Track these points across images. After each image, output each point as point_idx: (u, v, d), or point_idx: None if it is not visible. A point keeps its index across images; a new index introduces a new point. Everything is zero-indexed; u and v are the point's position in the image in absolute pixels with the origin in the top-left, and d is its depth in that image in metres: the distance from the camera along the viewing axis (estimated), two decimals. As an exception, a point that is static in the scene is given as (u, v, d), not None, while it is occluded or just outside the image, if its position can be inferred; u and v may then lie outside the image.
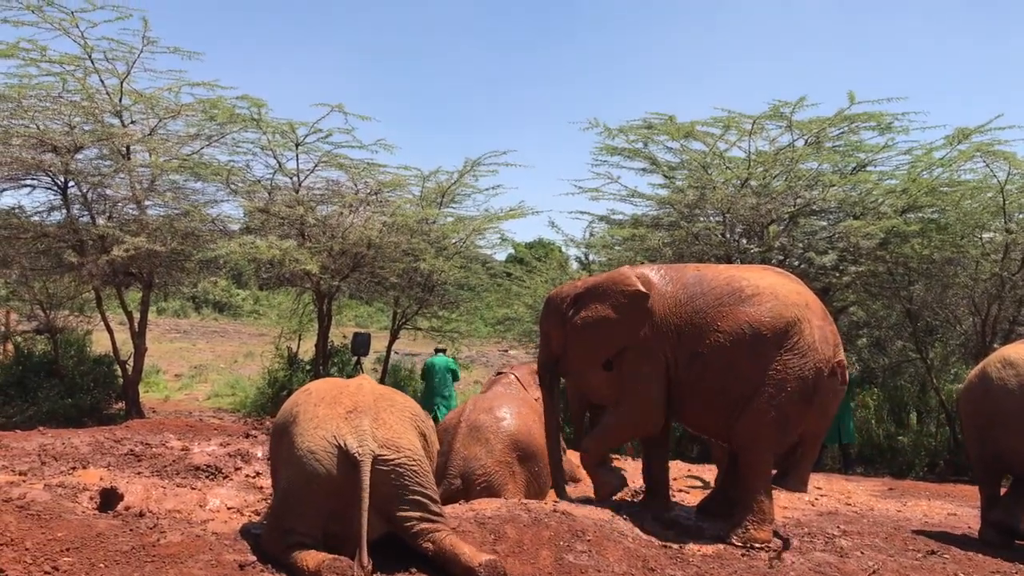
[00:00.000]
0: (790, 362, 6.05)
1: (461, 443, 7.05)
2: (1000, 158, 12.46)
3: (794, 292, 6.34)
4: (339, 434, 4.81)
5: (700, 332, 6.23)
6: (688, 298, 6.36)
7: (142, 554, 4.77)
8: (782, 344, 6.07)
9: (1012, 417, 6.40)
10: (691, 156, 14.06)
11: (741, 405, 6.13)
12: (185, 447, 8.97)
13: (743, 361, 6.10)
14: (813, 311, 6.27)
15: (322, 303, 14.91)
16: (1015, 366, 6.47)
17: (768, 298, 6.19)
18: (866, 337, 16.73)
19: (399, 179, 15.24)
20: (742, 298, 6.22)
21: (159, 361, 20.45)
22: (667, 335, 6.35)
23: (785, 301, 6.19)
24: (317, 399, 5.12)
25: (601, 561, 5.13)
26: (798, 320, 6.12)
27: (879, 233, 12.47)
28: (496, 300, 19.15)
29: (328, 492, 4.71)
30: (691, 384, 6.31)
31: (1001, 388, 6.50)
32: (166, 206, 14.28)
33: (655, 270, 6.72)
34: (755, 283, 6.31)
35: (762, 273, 6.59)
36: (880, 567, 5.58)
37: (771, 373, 6.05)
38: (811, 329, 6.14)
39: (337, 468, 4.72)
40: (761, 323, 6.10)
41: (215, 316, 36.24)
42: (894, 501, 8.91)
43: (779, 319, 6.10)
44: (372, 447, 4.76)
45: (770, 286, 6.30)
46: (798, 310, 6.17)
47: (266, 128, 14.12)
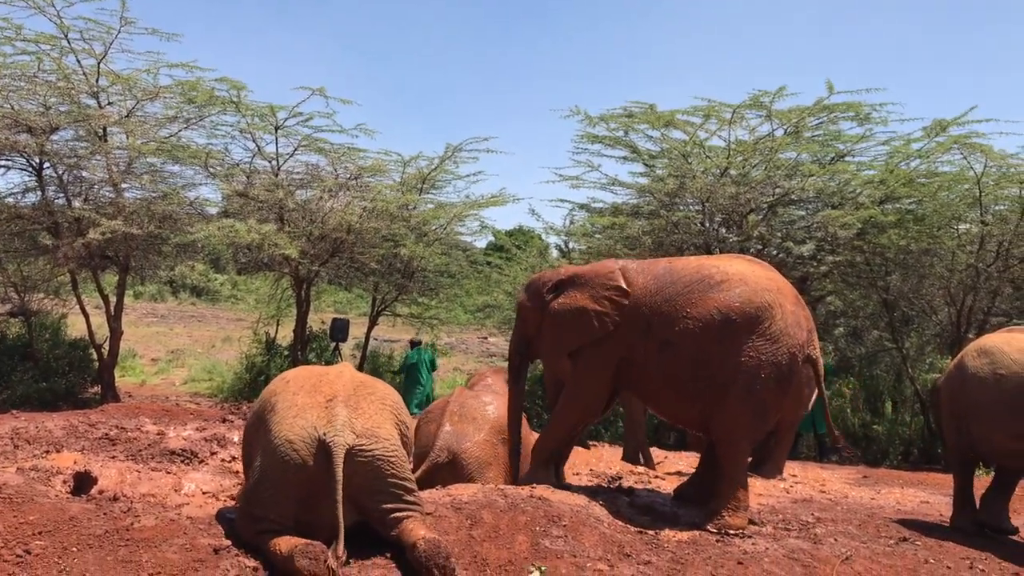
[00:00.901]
0: (763, 348, 6.05)
1: (450, 420, 7.27)
2: (977, 150, 12.56)
3: (764, 278, 6.34)
4: (318, 424, 4.78)
5: (670, 320, 6.25)
6: (658, 288, 6.40)
7: (116, 538, 4.74)
8: (753, 329, 6.07)
9: (984, 407, 6.42)
10: (671, 145, 14.08)
11: (714, 392, 6.15)
12: (161, 431, 8.91)
13: (713, 347, 6.11)
14: (785, 296, 6.27)
15: (300, 288, 14.84)
16: (989, 355, 6.48)
17: (737, 284, 6.21)
18: (843, 327, 16.87)
19: (379, 164, 15.17)
20: (711, 284, 6.24)
21: (135, 345, 20.30)
22: (637, 326, 6.40)
23: (755, 287, 6.20)
24: (296, 387, 5.07)
25: (577, 546, 5.14)
26: (769, 305, 6.12)
27: (857, 223, 12.55)
28: (476, 287, 19.14)
29: (302, 481, 4.69)
30: (663, 373, 6.34)
31: (974, 377, 6.52)
32: (143, 189, 14.14)
33: (632, 264, 6.78)
34: (724, 270, 6.34)
35: (732, 261, 6.61)
36: (853, 553, 5.62)
37: (744, 360, 6.05)
38: (783, 314, 6.13)
39: (313, 458, 4.69)
40: (730, 308, 6.11)
41: (193, 300, 36.01)
42: (868, 489, 8.99)
43: (749, 304, 6.11)
44: (349, 438, 4.73)
45: (739, 272, 6.32)
46: (769, 295, 6.17)
47: (245, 111, 14.01)
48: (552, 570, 4.79)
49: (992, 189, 12.95)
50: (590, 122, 14.25)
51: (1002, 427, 6.30)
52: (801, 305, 6.41)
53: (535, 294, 7.05)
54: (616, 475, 8.51)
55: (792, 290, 6.48)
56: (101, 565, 4.31)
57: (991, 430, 6.41)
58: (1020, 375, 6.20)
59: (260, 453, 4.88)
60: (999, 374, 6.33)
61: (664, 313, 6.28)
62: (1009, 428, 6.25)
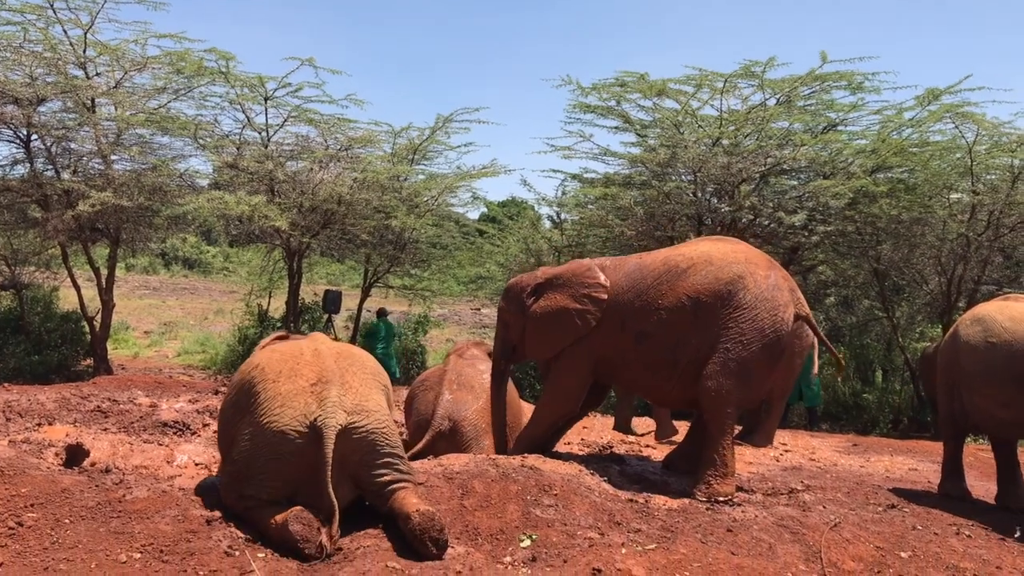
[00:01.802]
0: (740, 317, 6.12)
1: (449, 388, 7.35)
2: (968, 119, 12.53)
3: (730, 252, 6.43)
4: (307, 411, 4.75)
5: (643, 313, 6.40)
6: (630, 284, 6.55)
7: (108, 510, 4.76)
8: (727, 303, 6.14)
9: (975, 375, 6.44)
10: (663, 114, 14.01)
11: (700, 371, 6.22)
12: (153, 404, 8.94)
13: (689, 330, 6.23)
14: (756, 264, 6.34)
15: (292, 260, 14.81)
16: (982, 322, 6.49)
17: (702, 266, 6.32)
18: (834, 296, 16.93)
19: (370, 135, 15.08)
20: (678, 272, 6.36)
21: (128, 318, 20.28)
22: (614, 322, 6.53)
23: (720, 263, 6.29)
24: (274, 374, 5.00)
25: (568, 515, 5.18)
26: (738, 276, 6.19)
27: (848, 193, 12.53)
28: (468, 259, 19.13)
29: (300, 466, 4.68)
30: (642, 362, 6.48)
31: (967, 345, 6.54)
32: (133, 160, 14.02)
33: (606, 262, 6.92)
34: (688, 256, 6.46)
35: (697, 244, 6.73)
36: (841, 520, 5.68)
37: (723, 332, 6.13)
38: (755, 281, 6.19)
39: (308, 443, 4.68)
40: (699, 291, 6.22)
41: (185, 273, 35.96)
42: (857, 457, 9.07)
43: (716, 282, 6.20)
44: (341, 418, 4.71)
45: (703, 254, 6.42)
46: (736, 267, 6.25)
47: (234, 82, 13.89)
48: (543, 538, 4.83)
49: (984, 158, 12.94)
50: (582, 92, 14.17)
51: (992, 395, 6.32)
52: (776, 267, 6.46)
53: (515, 299, 7.15)
54: (607, 444, 8.57)
55: (763, 256, 6.55)
56: (94, 536, 4.33)
57: (982, 398, 6.43)
58: (1010, 343, 6.20)
59: (247, 441, 4.81)
60: (990, 342, 6.34)
61: (637, 308, 6.43)
62: (998, 396, 6.27)
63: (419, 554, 4.46)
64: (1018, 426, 6.35)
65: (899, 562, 4.99)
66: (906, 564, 4.97)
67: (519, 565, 4.48)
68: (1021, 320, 6.24)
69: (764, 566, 4.63)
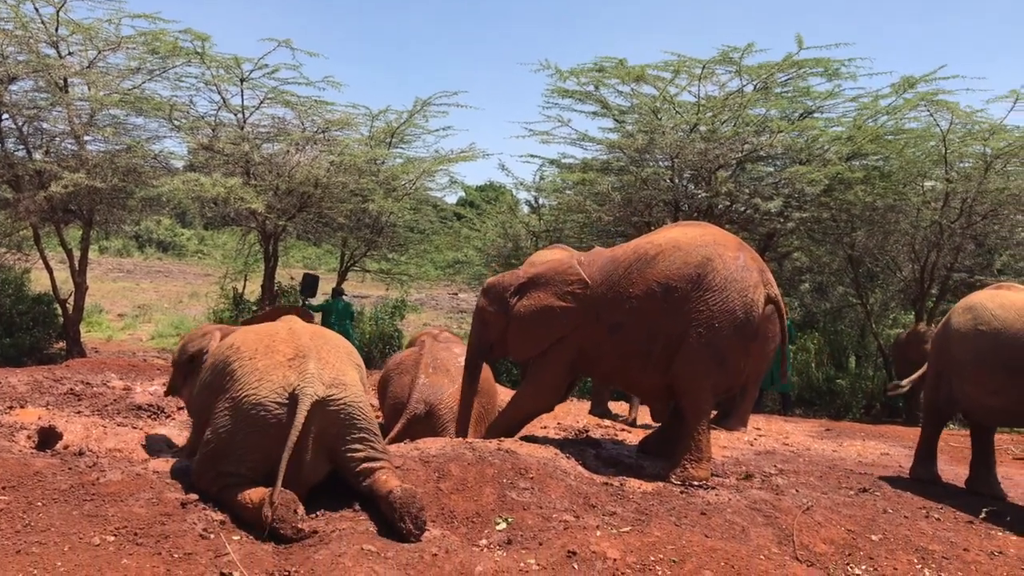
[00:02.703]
0: (711, 299, 6.14)
1: (424, 372, 7.39)
2: (943, 107, 12.64)
3: (697, 236, 6.46)
4: (287, 383, 4.77)
5: (616, 304, 6.44)
6: (603, 278, 6.60)
7: (81, 492, 4.73)
8: (697, 286, 6.17)
9: (967, 362, 6.43)
10: (641, 100, 14.02)
11: (671, 357, 6.25)
12: (127, 387, 8.88)
13: (661, 317, 6.26)
14: (724, 246, 6.36)
15: (268, 243, 14.71)
16: (973, 310, 6.48)
17: (670, 252, 6.35)
18: (809, 282, 17.06)
19: (347, 118, 14.98)
20: (647, 260, 6.40)
21: (101, 300, 20.09)
22: (590, 316, 6.59)
23: (688, 247, 6.32)
24: (250, 351, 5.02)
25: (543, 498, 5.21)
26: (706, 259, 6.22)
27: (824, 180, 12.61)
28: (446, 243, 19.10)
29: (280, 439, 4.67)
30: (617, 353, 6.52)
31: (957, 333, 6.54)
32: (106, 141, 13.86)
33: (582, 257, 6.97)
34: (657, 243, 6.50)
35: (665, 232, 6.76)
36: (814, 504, 5.74)
37: (695, 316, 6.16)
38: (724, 263, 6.21)
39: (288, 415, 4.69)
40: (668, 277, 6.25)
41: (159, 255, 35.62)
42: (830, 441, 9.17)
43: (685, 266, 6.23)
44: (319, 389, 4.75)
45: (671, 240, 6.45)
46: (704, 250, 6.28)
47: (210, 63, 13.75)
48: (519, 521, 4.85)
49: (957, 146, 13.06)
50: (560, 76, 14.15)
51: (980, 382, 6.32)
52: (744, 248, 6.49)
53: (497, 298, 7.14)
54: (583, 428, 8.61)
55: (732, 238, 6.58)
56: (67, 519, 4.30)
57: (972, 386, 6.42)
58: (999, 330, 6.19)
59: (225, 417, 4.81)
60: (979, 329, 6.33)
61: (610, 299, 6.47)
62: (988, 383, 6.25)
63: (397, 532, 4.48)
64: (1007, 413, 6.34)
65: (870, 544, 5.06)
66: (876, 546, 5.04)
67: (495, 547, 4.50)
68: (1011, 308, 6.22)
69: (737, 549, 4.68)
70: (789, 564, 4.59)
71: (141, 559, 3.95)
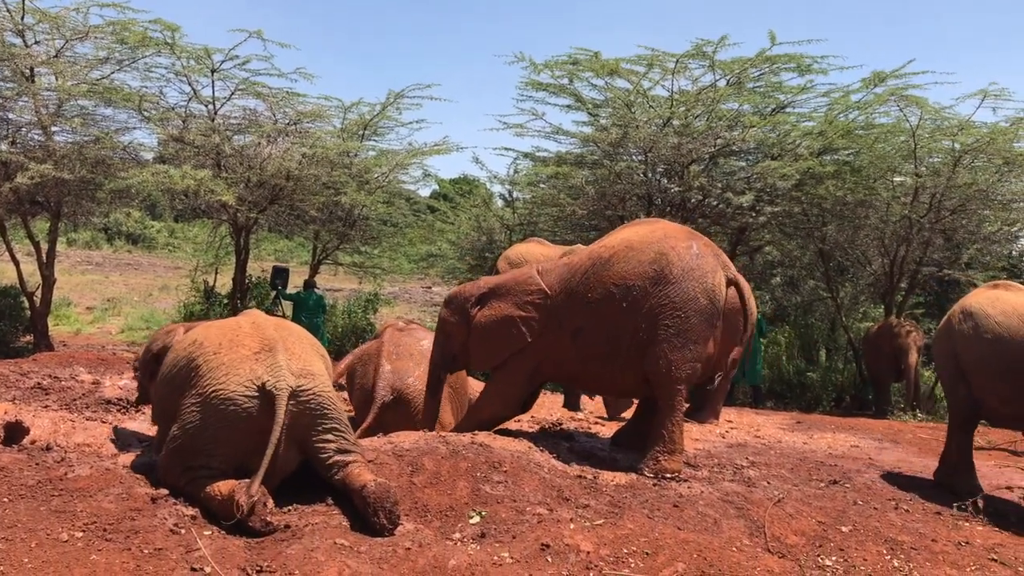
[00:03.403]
0: (671, 292, 6.17)
1: (388, 360, 7.34)
2: (912, 103, 12.77)
3: (647, 232, 6.52)
4: (255, 376, 4.74)
5: (576, 310, 6.48)
6: (562, 286, 6.64)
7: (49, 488, 4.66)
8: (655, 283, 6.20)
9: (972, 367, 6.25)
10: (615, 94, 14.05)
11: (638, 356, 6.29)
12: (96, 380, 8.77)
13: (622, 318, 6.29)
14: (676, 237, 6.42)
15: (239, 236, 14.59)
16: (974, 317, 6.27)
17: (623, 252, 6.40)
18: (780, 276, 17.21)
19: (319, 110, 14.90)
20: (602, 263, 6.45)
21: (70, 293, 19.83)
22: (552, 324, 6.61)
23: (640, 246, 6.37)
24: (214, 347, 4.98)
25: (517, 491, 5.21)
26: (660, 254, 6.26)
27: (795, 174, 12.71)
28: (419, 236, 19.06)
29: (251, 432, 4.65)
30: (581, 357, 6.55)
31: (960, 338, 6.33)
32: (74, 132, 13.65)
33: (544, 266, 6.99)
34: (610, 245, 6.57)
35: (617, 233, 6.82)
36: (785, 496, 5.79)
37: (658, 311, 6.19)
38: (678, 254, 6.26)
39: (258, 408, 4.67)
40: (625, 277, 6.28)
41: (128, 248, 35.20)
42: (801, 434, 9.24)
43: (640, 264, 6.28)
44: (290, 381, 4.74)
45: (623, 241, 6.52)
46: (656, 245, 6.32)
47: (180, 53, 13.58)
48: (492, 515, 4.85)
49: (926, 142, 13.21)
50: (535, 69, 14.14)
51: (991, 390, 6.14)
52: (696, 237, 6.55)
53: (459, 309, 7.12)
54: (557, 421, 8.62)
55: (682, 229, 6.65)
56: (34, 515, 4.24)
57: (981, 392, 6.23)
58: (1004, 337, 5.99)
59: (193, 413, 4.75)
60: (984, 338, 6.12)
61: (571, 305, 6.51)
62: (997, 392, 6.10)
63: (370, 527, 4.46)
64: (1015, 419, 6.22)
65: (840, 536, 5.11)
66: (847, 538, 5.09)
67: (468, 541, 4.50)
68: (1014, 314, 6.03)
69: (709, 540, 4.71)
70: (761, 556, 4.63)
71: (110, 555, 3.90)
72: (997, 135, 12.65)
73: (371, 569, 3.99)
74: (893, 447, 8.67)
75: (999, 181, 13.17)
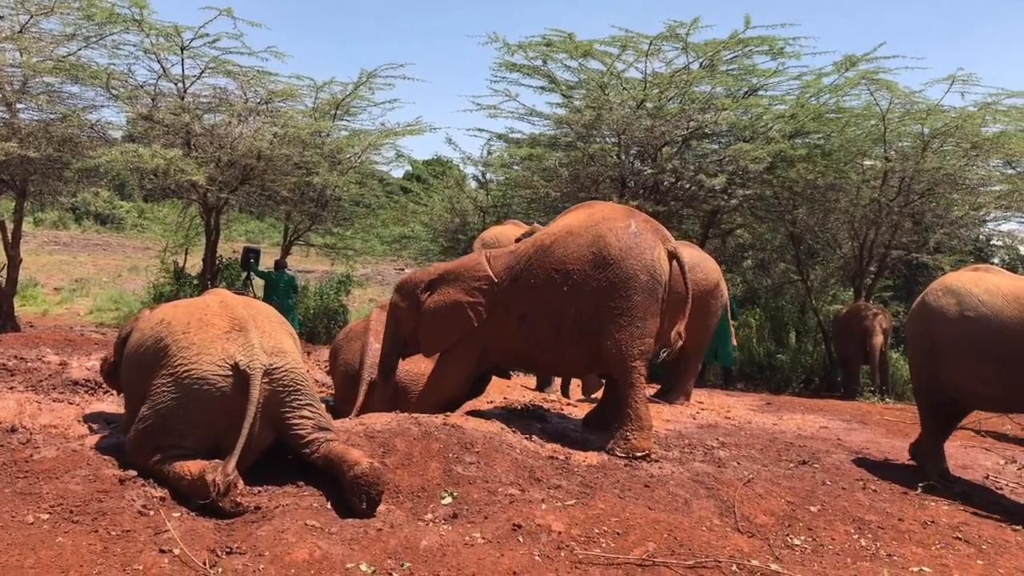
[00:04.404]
0: (612, 274, 6.27)
1: (376, 338, 7.39)
2: (883, 87, 12.86)
3: (586, 216, 6.65)
4: (227, 355, 4.73)
5: (522, 295, 6.60)
6: (508, 271, 6.76)
7: (14, 469, 4.61)
8: (596, 266, 6.32)
9: (950, 350, 6.17)
10: (589, 76, 14.01)
11: (589, 332, 6.39)
12: (63, 361, 8.67)
13: (566, 303, 6.41)
14: (614, 219, 6.52)
15: (210, 216, 14.43)
16: (958, 295, 6.18)
17: (564, 238, 6.53)
18: (751, 259, 17.31)
19: (291, 89, 14.73)
20: (544, 250, 6.58)
21: (36, 274, 19.56)
22: (499, 310, 6.72)
23: (580, 229, 6.50)
24: (182, 327, 4.94)
25: (489, 472, 5.22)
26: (598, 237, 6.38)
27: (767, 157, 12.76)
28: (392, 218, 18.96)
29: (225, 411, 4.64)
30: (529, 341, 6.66)
31: (941, 317, 6.24)
32: (40, 110, 13.41)
33: (493, 252, 7.11)
34: (552, 232, 6.71)
35: (559, 220, 6.93)
36: (755, 476, 5.85)
37: (602, 293, 6.29)
38: (617, 235, 6.36)
39: (232, 387, 4.66)
40: (566, 262, 6.41)
41: (97, 228, 34.76)
42: (771, 415, 9.33)
43: (580, 248, 6.40)
44: (263, 360, 4.73)
45: (564, 226, 6.65)
46: (595, 228, 6.45)
47: (149, 30, 13.35)
48: (464, 495, 4.85)
49: (896, 126, 13.32)
50: (508, 50, 14.06)
51: (967, 370, 6.06)
52: (635, 215, 6.65)
53: (409, 294, 7.22)
54: (529, 403, 8.63)
55: (621, 209, 6.76)
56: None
57: (957, 372, 6.15)
58: (988, 317, 5.92)
59: (164, 393, 4.70)
60: (966, 316, 6.05)
61: (516, 292, 6.64)
62: (975, 372, 6.01)
63: (349, 506, 4.44)
64: (995, 400, 6.17)
65: (808, 515, 5.16)
66: (815, 517, 5.14)
67: (440, 522, 4.50)
68: (998, 293, 5.96)
69: (680, 520, 4.74)
70: (731, 535, 4.67)
71: (77, 537, 3.86)
72: (965, 120, 12.78)
73: (342, 550, 3.98)
74: (861, 428, 8.78)
75: (967, 165, 13.32)
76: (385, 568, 3.88)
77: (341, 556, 3.91)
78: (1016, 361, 5.74)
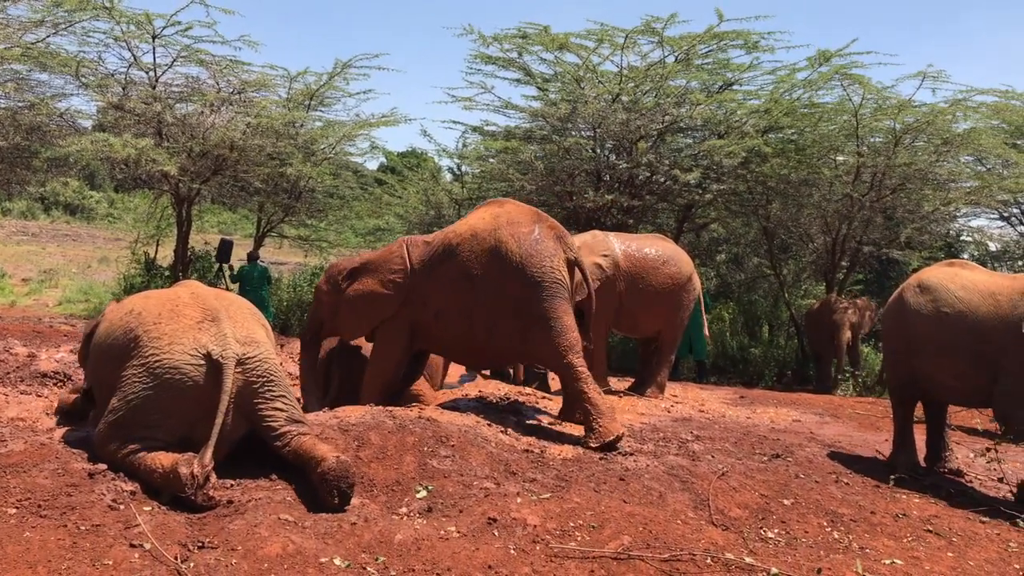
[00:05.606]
0: (514, 278, 6.39)
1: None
2: (856, 82, 12.95)
3: (490, 219, 6.72)
4: (199, 344, 4.68)
5: (435, 292, 6.77)
6: (423, 266, 6.88)
7: (-19, 463, 4.53)
8: (498, 269, 6.44)
9: (927, 345, 6.18)
10: (564, 69, 14.01)
11: (502, 327, 6.53)
12: (31, 353, 8.55)
13: (474, 303, 6.56)
14: (517, 223, 6.62)
15: (181, 207, 14.29)
16: (934, 291, 6.18)
17: (468, 240, 6.64)
18: (725, 253, 17.41)
19: (264, 78, 14.62)
20: (450, 251, 6.71)
21: (4, 264, 19.26)
22: (418, 301, 6.86)
23: (483, 234, 6.60)
24: (153, 317, 4.87)
25: (464, 466, 5.19)
26: (499, 242, 6.49)
27: (741, 152, 12.83)
28: (366, 210, 18.86)
29: (197, 401, 4.59)
30: (447, 336, 6.87)
31: (916, 313, 6.24)
32: (8, 98, 13.24)
33: (417, 240, 7.20)
34: (459, 232, 6.80)
35: (466, 219, 7.03)
36: (729, 469, 5.86)
37: (511, 295, 6.41)
38: (517, 240, 6.48)
39: (204, 377, 4.61)
40: (470, 265, 6.55)
41: (66, 219, 34.23)
42: (744, 408, 9.38)
43: (483, 253, 6.52)
44: (236, 349, 4.70)
45: (469, 228, 6.75)
46: (496, 233, 6.56)
47: (119, 18, 13.19)
48: (439, 489, 4.83)
49: (868, 121, 13.42)
50: (484, 42, 14.03)
51: (942, 365, 6.08)
52: (541, 219, 6.76)
53: (331, 280, 7.46)
54: (504, 396, 8.62)
55: (527, 213, 6.82)
56: (-35, 491, 4.11)
57: (932, 367, 6.17)
58: (964, 313, 5.94)
59: (135, 384, 4.64)
60: (943, 312, 6.05)
61: (430, 287, 6.80)
62: (950, 367, 6.04)
63: (321, 502, 4.40)
64: (967, 395, 6.18)
65: (782, 508, 5.19)
66: (788, 510, 5.17)
67: (415, 515, 4.47)
68: (974, 289, 5.98)
69: (655, 513, 4.75)
70: (705, 528, 4.68)
71: (45, 532, 3.80)
72: (936, 116, 12.90)
73: (315, 544, 3.94)
74: (834, 421, 8.85)
75: (937, 161, 13.45)
76: (359, 562, 3.85)
77: (315, 550, 3.88)
78: (992, 357, 5.78)
